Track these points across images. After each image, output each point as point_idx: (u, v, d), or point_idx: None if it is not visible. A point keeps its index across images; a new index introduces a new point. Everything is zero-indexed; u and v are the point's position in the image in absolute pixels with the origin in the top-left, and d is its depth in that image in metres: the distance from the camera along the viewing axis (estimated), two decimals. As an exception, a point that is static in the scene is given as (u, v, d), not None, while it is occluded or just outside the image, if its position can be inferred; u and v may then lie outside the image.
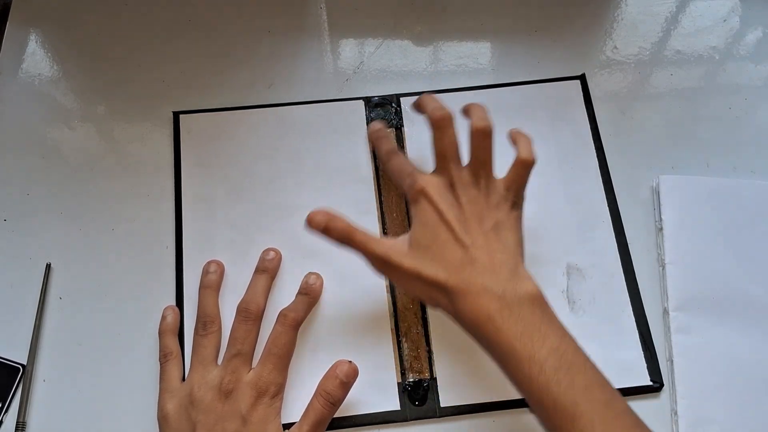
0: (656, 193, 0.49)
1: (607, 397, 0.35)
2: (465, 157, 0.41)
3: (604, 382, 0.35)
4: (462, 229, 0.39)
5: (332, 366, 0.41)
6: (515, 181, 0.41)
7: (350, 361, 0.41)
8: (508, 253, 0.38)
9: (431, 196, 0.40)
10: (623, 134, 0.52)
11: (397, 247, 0.39)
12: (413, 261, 0.39)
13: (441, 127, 0.41)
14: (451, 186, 0.40)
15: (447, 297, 0.38)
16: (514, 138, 0.42)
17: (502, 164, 0.41)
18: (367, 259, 0.40)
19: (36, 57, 0.55)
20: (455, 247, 0.38)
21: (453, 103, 0.52)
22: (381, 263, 0.40)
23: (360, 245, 0.40)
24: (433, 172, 0.42)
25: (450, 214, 0.39)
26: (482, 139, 0.40)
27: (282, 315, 0.43)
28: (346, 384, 0.40)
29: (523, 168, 0.41)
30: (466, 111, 0.42)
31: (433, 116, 0.41)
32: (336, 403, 0.40)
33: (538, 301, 0.37)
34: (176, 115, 0.52)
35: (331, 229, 0.40)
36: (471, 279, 0.37)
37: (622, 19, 0.57)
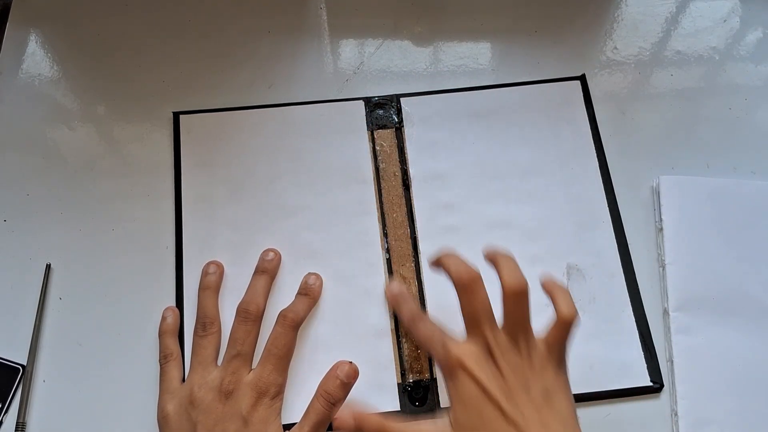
0: (656, 193, 0.49)
1: None
2: (498, 315, 0.37)
3: None
4: (510, 403, 0.34)
5: (332, 366, 0.41)
6: (558, 341, 0.36)
7: (351, 362, 0.41)
8: (563, 423, 0.35)
9: (470, 368, 0.35)
10: (623, 134, 0.52)
11: None
12: None
13: (470, 290, 0.37)
14: (490, 353, 0.36)
15: None
16: (550, 291, 0.37)
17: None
18: None
19: (36, 57, 0.55)
20: (506, 427, 0.34)
21: (454, 104, 0.52)
22: None
23: None
24: (467, 338, 0.37)
25: (494, 388, 0.35)
26: (518, 300, 0.36)
27: (282, 315, 0.43)
28: (347, 384, 0.41)
29: (565, 327, 0.36)
30: (493, 261, 0.38)
31: (460, 279, 0.37)
32: (336, 403, 0.40)
33: None
34: (176, 116, 0.52)
35: (364, 427, 0.36)
36: None
37: (622, 19, 0.57)
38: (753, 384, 0.43)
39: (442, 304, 0.46)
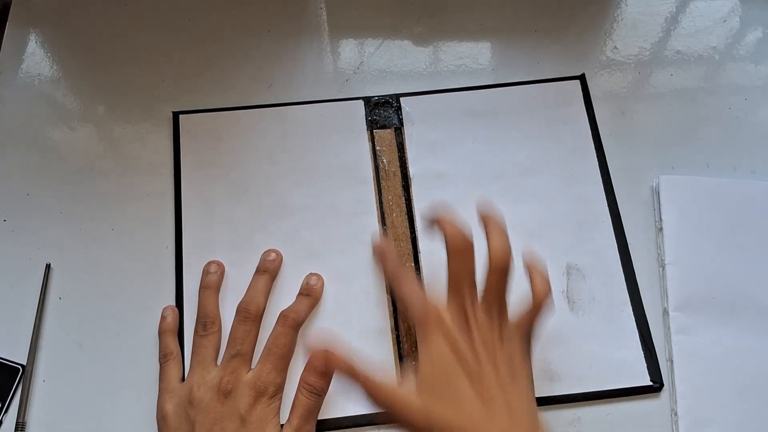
0: (656, 193, 0.49)
1: None
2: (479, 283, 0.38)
3: None
4: (477, 374, 0.35)
5: (309, 357, 0.41)
6: (529, 323, 0.38)
7: (326, 350, 0.41)
8: (524, 411, 0.35)
9: (446, 325, 0.36)
10: (623, 134, 0.52)
11: (406, 396, 0.35)
12: (423, 412, 0.34)
13: (461, 257, 0.38)
14: (465, 321, 0.37)
15: None
16: (530, 271, 0.39)
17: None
18: (371, 401, 0.35)
19: (36, 57, 0.55)
20: (471, 397, 0.34)
21: (454, 104, 0.52)
22: (386, 408, 0.35)
23: (364, 388, 0.35)
24: (447, 300, 0.38)
25: (466, 351, 0.35)
26: (501, 275, 0.37)
27: (282, 316, 0.43)
28: (326, 373, 0.41)
29: (536, 311, 0.38)
30: (485, 224, 0.39)
31: (454, 245, 0.38)
32: (320, 392, 0.40)
33: None
34: (176, 116, 0.52)
35: (333, 365, 0.36)
36: None
37: (622, 19, 0.57)
38: (753, 384, 0.43)
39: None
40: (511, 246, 0.38)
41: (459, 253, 0.38)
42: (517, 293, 0.38)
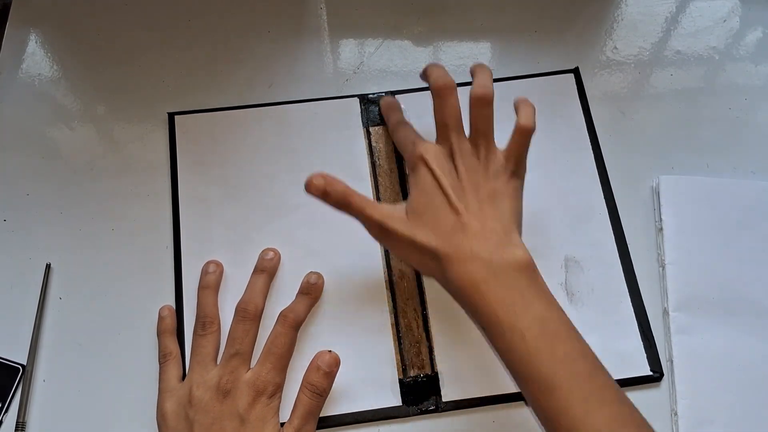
0: (656, 193, 0.49)
1: (588, 368, 0.34)
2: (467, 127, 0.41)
3: (588, 353, 0.35)
4: (457, 196, 0.39)
5: (313, 357, 0.42)
6: (515, 150, 0.40)
7: (330, 351, 0.42)
8: (501, 221, 0.39)
9: (430, 162, 0.40)
10: (623, 134, 0.52)
11: (394, 213, 0.40)
12: (408, 227, 0.39)
13: (442, 95, 0.41)
14: (451, 155, 0.40)
15: (437, 263, 0.38)
16: (517, 105, 0.41)
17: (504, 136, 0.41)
18: (364, 224, 0.40)
19: (36, 57, 0.55)
20: (448, 213, 0.38)
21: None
22: (377, 229, 0.40)
23: (357, 210, 0.40)
24: (435, 141, 0.42)
25: (446, 181, 0.39)
26: (482, 107, 0.40)
27: (282, 316, 0.43)
28: (329, 373, 0.41)
29: (522, 136, 0.40)
30: (472, 72, 0.42)
31: (435, 84, 0.41)
32: (322, 393, 0.41)
33: (526, 269, 0.37)
34: (171, 116, 0.51)
35: (329, 193, 0.40)
36: (460, 245, 0.37)
37: (622, 19, 0.57)
38: (753, 384, 0.43)
39: (442, 297, 0.46)
40: (492, 83, 0.40)
41: (440, 91, 0.40)
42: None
